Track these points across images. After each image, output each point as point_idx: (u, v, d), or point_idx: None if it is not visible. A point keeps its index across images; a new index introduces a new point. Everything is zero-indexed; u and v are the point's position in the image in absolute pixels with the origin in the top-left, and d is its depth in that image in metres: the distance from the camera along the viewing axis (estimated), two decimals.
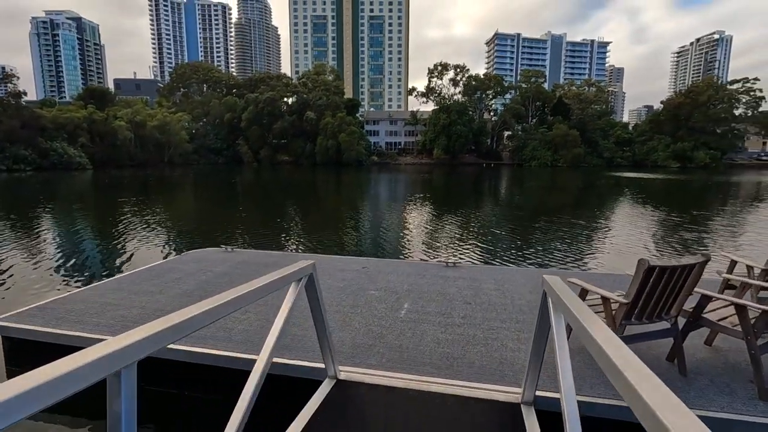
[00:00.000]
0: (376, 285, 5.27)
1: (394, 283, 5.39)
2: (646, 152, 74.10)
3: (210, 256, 7.01)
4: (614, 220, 17.59)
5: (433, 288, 5.21)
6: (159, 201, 23.71)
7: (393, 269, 5.94)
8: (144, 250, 10.72)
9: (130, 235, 12.71)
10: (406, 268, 5.99)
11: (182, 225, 15.61)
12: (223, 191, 30.82)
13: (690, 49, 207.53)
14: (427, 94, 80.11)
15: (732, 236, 13.77)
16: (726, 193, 31.01)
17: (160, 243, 11.85)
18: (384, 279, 5.55)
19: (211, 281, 5.53)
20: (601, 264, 9.73)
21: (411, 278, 5.57)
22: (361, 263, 6.25)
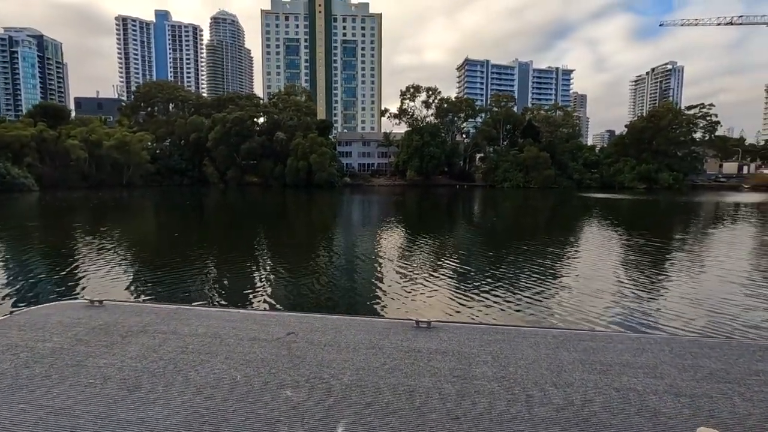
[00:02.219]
0: (298, 373, 2.91)
1: (331, 366, 2.97)
2: (613, 174, 75.77)
3: (58, 315, 3.78)
4: (594, 241, 16.53)
5: (395, 375, 2.78)
6: (80, 225, 21.13)
7: (334, 336, 3.58)
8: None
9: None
10: (354, 333, 3.71)
11: (75, 259, 13.32)
12: (170, 213, 28.36)
13: (646, 78, 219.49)
14: (399, 115, 79.94)
15: (702, 253, 12.84)
16: (693, 214, 31.02)
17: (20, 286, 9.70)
18: (315, 357, 3.20)
19: (20, 369, 2.67)
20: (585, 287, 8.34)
21: (360, 354, 3.26)
22: (288, 324, 3.87)
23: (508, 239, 17.47)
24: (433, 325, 3.61)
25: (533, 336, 3.36)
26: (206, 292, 9.13)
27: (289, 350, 3.28)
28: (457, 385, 2.69)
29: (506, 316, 7.47)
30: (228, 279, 10.34)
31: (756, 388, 2.38)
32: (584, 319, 7.22)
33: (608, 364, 2.56)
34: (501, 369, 2.88)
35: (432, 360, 3.09)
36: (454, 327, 3.71)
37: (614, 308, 7.87)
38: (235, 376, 2.82)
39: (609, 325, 6.99)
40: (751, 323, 7.07)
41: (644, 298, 8.51)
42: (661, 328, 6.77)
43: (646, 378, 2.48)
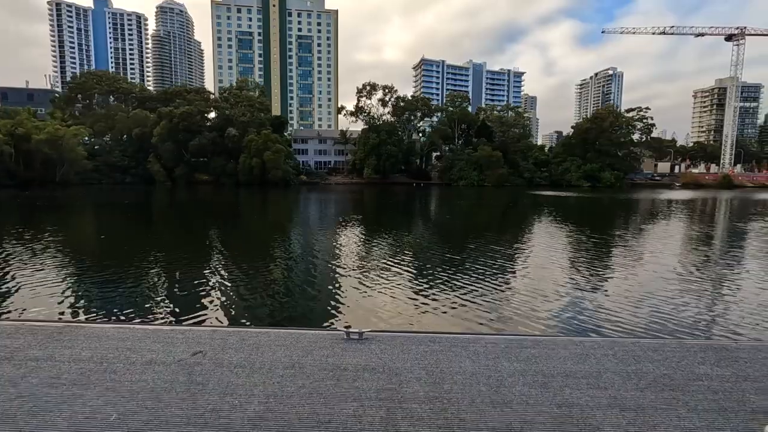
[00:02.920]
0: (194, 405, 2.27)
1: (236, 393, 2.58)
2: (561, 173, 79.27)
3: None
4: (541, 239, 16.98)
5: (312, 402, 2.42)
6: None
7: (249, 354, 2.94)
8: None
9: None
10: (273, 350, 3.04)
11: None
12: (103, 213, 26.32)
13: (590, 82, 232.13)
14: (356, 113, 79.38)
15: (641, 248, 13.52)
16: (633, 210, 32.95)
17: None
18: (220, 383, 2.54)
19: None
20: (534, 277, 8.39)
21: (275, 376, 2.62)
22: (199, 341, 3.34)
23: (459, 238, 17.56)
24: (366, 336, 3.19)
25: (474, 344, 3.07)
26: (110, 305, 7.77)
27: (189, 376, 2.69)
28: (383, 411, 2.28)
29: (448, 322, 7.21)
30: (146, 288, 9.10)
31: (700, 395, 2.25)
32: (529, 320, 7.19)
33: (551, 374, 2.33)
34: (435, 387, 2.51)
35: (358, 380, 2.66)
36: (389, 337, 3.30)
37: (559, 308, 7.93)
38: (110, 414, 2.22)
39: (554, 326, 7.00)
40: (688, 321, 7.33)
41: (588, 297, 8.69)
42: (604, 328, 6.86)
43: (589, 390, 2.26)
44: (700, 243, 16.47)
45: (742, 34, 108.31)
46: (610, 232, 18.96)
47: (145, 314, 7.15)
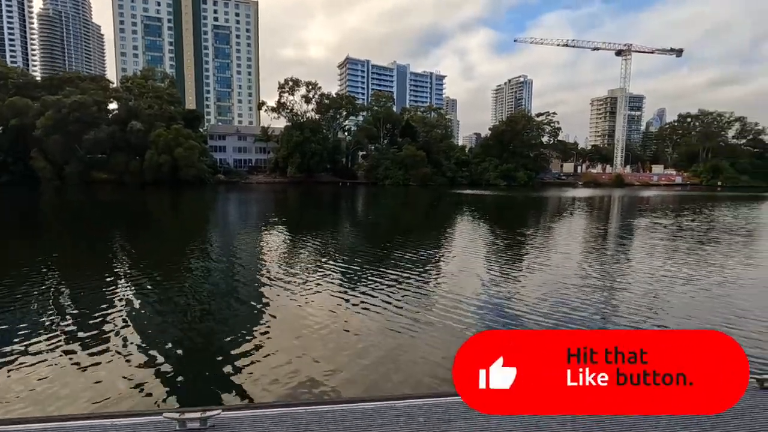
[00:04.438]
0: None
1: None
2: (480, 172, 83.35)
3: None
4: (459, 240, 17.05)
5: None
6: None
7: None
8: None
9: None
10: None
11: None
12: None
13: (504, 88, 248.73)
14: (278, 109, 76.25)
15: (553, 243, 14.11)
16: (543, 207, 35.23)
17: None
18: None
19: None
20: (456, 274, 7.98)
21: None
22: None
23: (383, 241, 17.00)
24: (213, 422, 1.81)
25: (385, 415, 1.97)
26: None
27: None
28: None
29: (355, 373, 5.20)
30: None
31: None
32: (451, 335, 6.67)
33: None
34: None
35: None
36: (248, 420, 1.89)
37: (478, 316, 7.54)
38: None
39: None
40: (601, 311, 7.33)
41: (508, 296, 8.47)
42: (528, 319, 6.54)
43: None
44: (602, 237, 17.61)
45: (629, 51, 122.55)
46: (527, 229, 19.68)
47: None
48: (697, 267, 10.73)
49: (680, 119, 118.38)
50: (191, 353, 5.53)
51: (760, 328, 6.27)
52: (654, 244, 15.01)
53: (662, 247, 14.06)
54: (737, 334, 5.98)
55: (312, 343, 5.83)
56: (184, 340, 6.03)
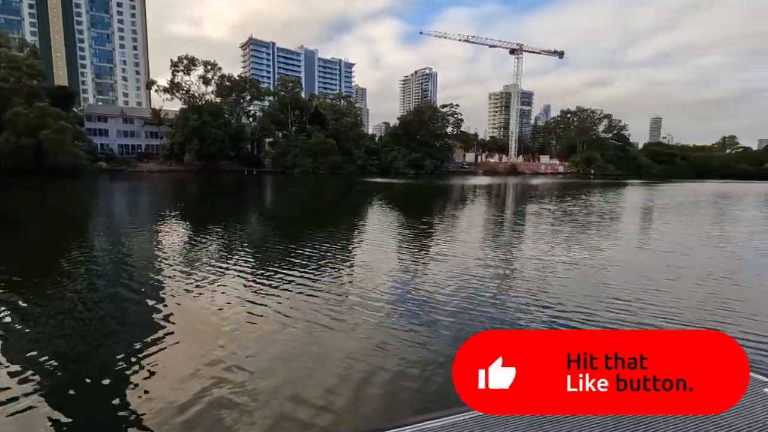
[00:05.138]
0: None
1: None
2: (390, 161, 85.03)
3: None
4: (378, 223, 17.04)
5: None
6: None
7: None
8: None
9: None
10: None
11: None
12: None
13: (411, 79, 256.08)
14: (171, 89, 69.07)
15: (458, 230, 14.85)
16: (449, 194, 37.09)
17: None
18: None
19: None
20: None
21: None
22: None
23: (287, 233, 16.25)
24: None
25: None
26: None
27: None
28: None
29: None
30: None
31: None
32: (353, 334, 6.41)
33: None
34: None
35: None
36: None
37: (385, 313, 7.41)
38: None
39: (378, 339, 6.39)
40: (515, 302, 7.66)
41: (422, 287, 8.50)
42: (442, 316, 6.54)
43: None
44: (500, 224, 18.90)
45: (521, 50, 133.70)
46: (436, 217, 20.34)
47: None
48: (580, 250, 11.89)
49: (562, 115, 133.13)
50: (72, 370, 4.47)
51: (631, 306, 7.04)
52: (543, 229, 16.44)
53: (550, 232, 15.44)
54: (617, 307, 6.65)
55: (222, 351, 5.16)
56: (64, 353, 4.89)
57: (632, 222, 19.44)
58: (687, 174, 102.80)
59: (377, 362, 4.91)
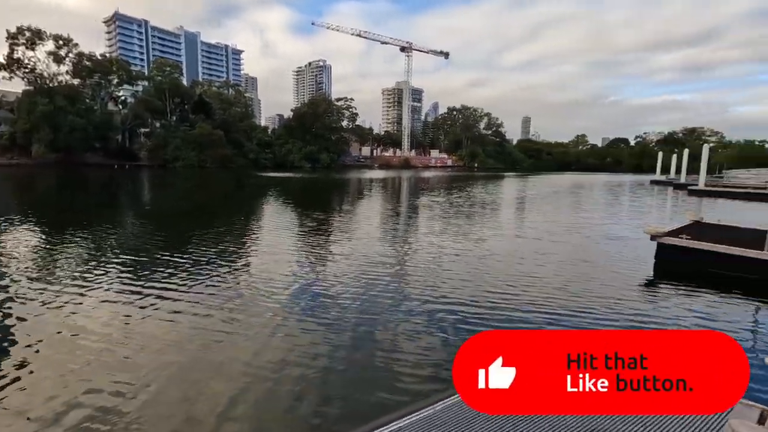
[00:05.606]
0: None
1: None
2: (284, 154, 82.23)
3: None
4: (275, 220, 16.21)
5: None
6: None
7: None
8: None
9: None
10: None
11: None
12: None
13: (305, 70, 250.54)
14: (10, 66, 57.18)
15: (358, 223, 15.00)
16: (346, 187, 37.23)
17: None
18: None
19: None
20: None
21: None
22: None
23: (167, 236, 14.65)
24: None
25: None
26: None
27: None
28: None
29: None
30: None
31: None
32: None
33: None
34: None
35: None
36: None
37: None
38: None
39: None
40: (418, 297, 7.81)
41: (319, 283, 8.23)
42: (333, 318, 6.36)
43: None
44: (396, 216, 19.48)
45: (411, 48, 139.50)
46: (334, 211, 20.13)
47: None
48: (465, 241, 12.77)
49: (449, 112, 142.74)
50: None
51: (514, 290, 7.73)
52: (433, 221, 17.36)
53: (440, 224, 16.35)
54: (511, 291, 7.23)
55: (96, 370, 4.26)
56: None
57: (509, 212, 21.61)
58: (551, 167, 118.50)
59: (275, 373, 4.57)
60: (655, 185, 46.88)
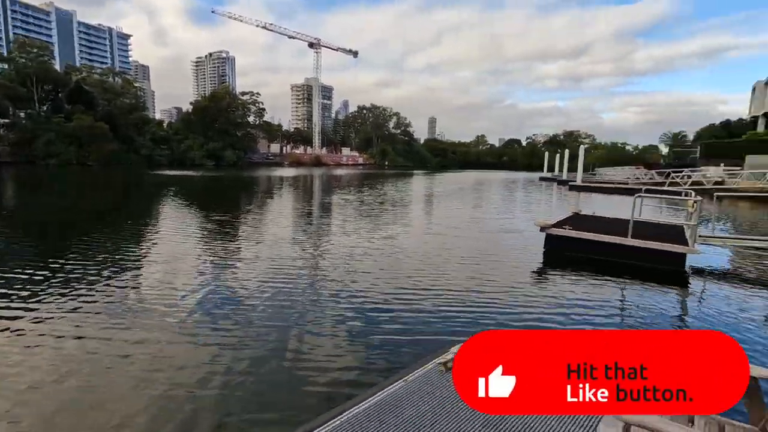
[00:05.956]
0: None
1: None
2: (184, 151, 75.86)
3: None
4: (172, 223, 14.70)
5: None
6: None
7: None
8: None
9: None
10: None
11: None
12: None
13: (206, 61, 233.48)
14: None
15: (269, 223, 14.40)
16: (255, 186, 35.55)
17: None
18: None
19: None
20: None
21: None
22: None
23: (43, 246, 12.62)
24: None
25: None
26: None
27: None
28: None
29: None
30: None
31: None
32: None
33: None
34: None
35: None
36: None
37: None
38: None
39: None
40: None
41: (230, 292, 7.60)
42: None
43: None
44: (308, 215, 19.06)
45: (319, 44, 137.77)
46: (241, 212, 18.98)
47: None
48: (376, 239, 12.91)
49: (359, 110, 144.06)
50: None
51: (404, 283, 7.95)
52: (346, 220, 17.30)
53: (352, 223, 16.35)
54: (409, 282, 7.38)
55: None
56: None
57: (418, 209, 22.42)
58: (455, 165, 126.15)
59: (170, 392, 4.07)
60: (543, 182, 52.39)
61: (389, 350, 5.14)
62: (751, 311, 6.95)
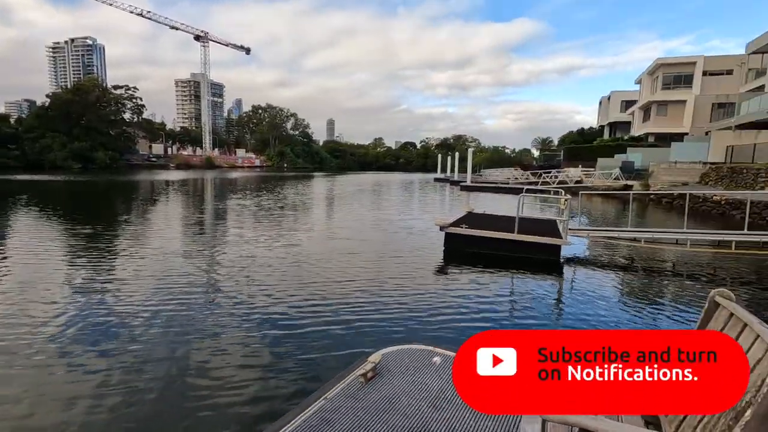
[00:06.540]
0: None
1: None
2: (39, 151, 64.48)
3: None
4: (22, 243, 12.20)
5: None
6: None
7: None
8: None
9: None
10: None
11: None
12: None
13: (66, 47, 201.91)
14: None
15: (152, 232, 12.95)
16: (135, 192, 31.71)
17: None
18: None
19: None
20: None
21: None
22: None
23: None
24: None
25: None
26: None
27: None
28: None
29: None
30: None
31: None
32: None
33: None
34: None
35: None
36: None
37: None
38: None
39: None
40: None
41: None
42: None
43: None
44: (200, 224, 17.55)
45: (207, 38, 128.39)
46: (118, 220, 16.66)
47: None
48: (277, 247, 12.39)
49: (254, 110, 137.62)
50: None
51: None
52: (244, 228, 16.31)
53: (250, 230, 15.46)
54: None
55: None
56: None
57: (320, 212, 22.10)
58: (354, 167, 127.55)
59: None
60: (437, 182, 55.71)
61: (302, 368, 4.88)
62: (605, 289, 8.34)
